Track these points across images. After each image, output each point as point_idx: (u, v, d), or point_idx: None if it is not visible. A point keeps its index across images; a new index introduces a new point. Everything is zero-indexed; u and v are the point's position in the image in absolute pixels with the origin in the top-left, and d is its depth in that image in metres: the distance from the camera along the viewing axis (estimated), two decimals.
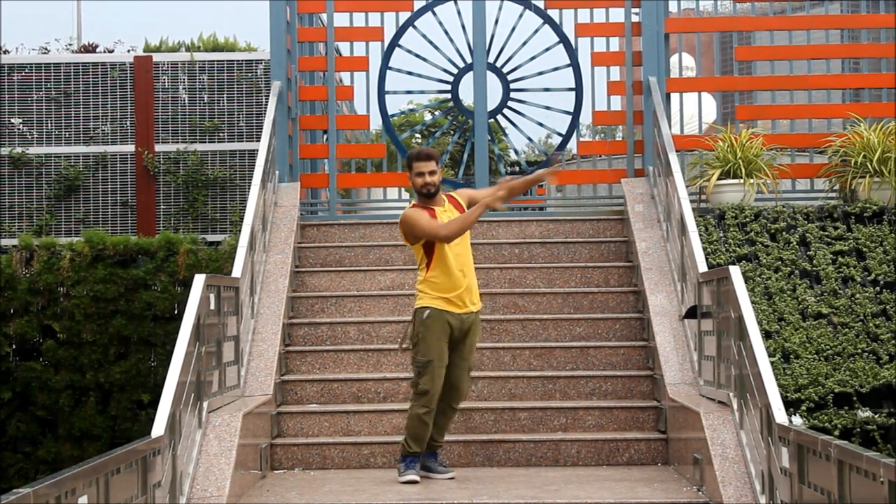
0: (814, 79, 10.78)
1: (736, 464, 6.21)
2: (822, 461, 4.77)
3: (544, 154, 12.82)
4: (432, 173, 6.80)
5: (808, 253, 9.10)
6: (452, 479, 6.95)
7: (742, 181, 9.56)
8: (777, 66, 10.95)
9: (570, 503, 6.33)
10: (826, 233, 9.23)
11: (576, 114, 10.77)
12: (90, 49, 12.71)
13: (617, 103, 10.88)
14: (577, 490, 6.59)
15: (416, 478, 6.83)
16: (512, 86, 10.87)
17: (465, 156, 11.02)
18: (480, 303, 6.99)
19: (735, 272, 6.67)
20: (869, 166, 9.54)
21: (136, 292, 10.66)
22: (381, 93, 10.82)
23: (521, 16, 10.73)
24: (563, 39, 10.71)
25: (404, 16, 10.78)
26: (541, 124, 11.62)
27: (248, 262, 8.15)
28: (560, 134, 10.92)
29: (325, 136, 11.33)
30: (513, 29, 10.76)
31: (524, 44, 10.84)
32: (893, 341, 8.29)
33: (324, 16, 10.92)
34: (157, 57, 11.88)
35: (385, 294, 9.13)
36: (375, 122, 14.92)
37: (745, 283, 7.00)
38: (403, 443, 6.91)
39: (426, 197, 6.84)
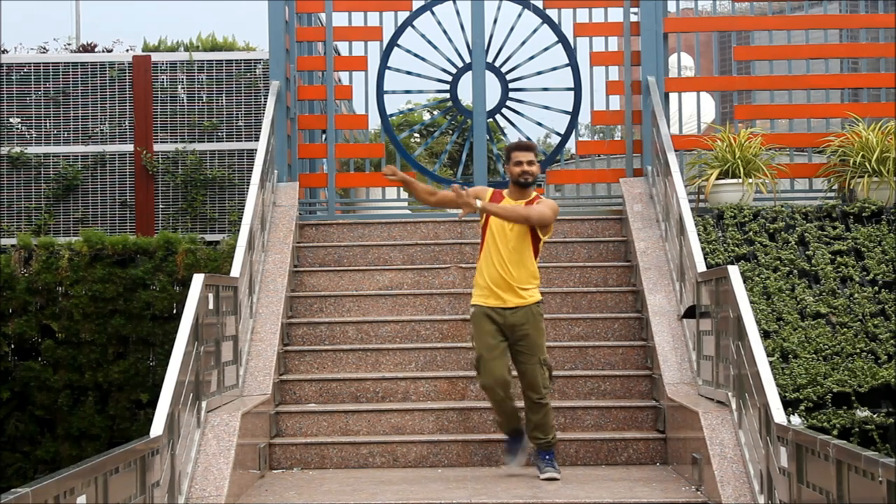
0: (812, 78, 10.79)
1: (734, 463, 6.21)
2: (820, 461, 4.77)
3: (543, 154, 12.82)
4: (531, 163, 6.93)
5: (807, 253, 9.10)
6: (554, 479, 6.86)
7: (741, 181, 9.56)
8: (776, 66, 10.96)
9: (569, 503, 6.33)
10: (825, 232, 9.23)
11: (574, 113, 10.77)
12: (89, 49, 12.72)
13: (616, 103, 10.90)
14: (576, 490, 6.59)
15: (509, 461, 7.17)
16: (511, 85, 10.87)
17: (464, 155, 11.02)
18: (528, 298, 6.90)
19: (734, 272, 6.68)
20: (867, 166, 9.55)
21: (134, 292, 10.66)
22: (380, 92, 10.82)
23: (519, 15, 10.73)
24: (562, 39, 10.71)
25: (403, 15, 10.78)
26: (540, 124, 11.66)
27: (247, 261, 8.15)
28: (559, 133, 10.93)
29: (323, 136, 11.34)
30: (511, 28, 10.76)
31: (523, 43, 10.84)
32: (892, 341, 8.29)
33: (322, 15, 10.92)
34: (155, 56, 11.89)
35: (384, 294, 9.13)
36: (374, 122, 14.95)
37: (744, 282, 7.01)
38: (498, 423, 7.28)
39: (521, 186, 6.95)
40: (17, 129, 11.80)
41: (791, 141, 10.57)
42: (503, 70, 10.86)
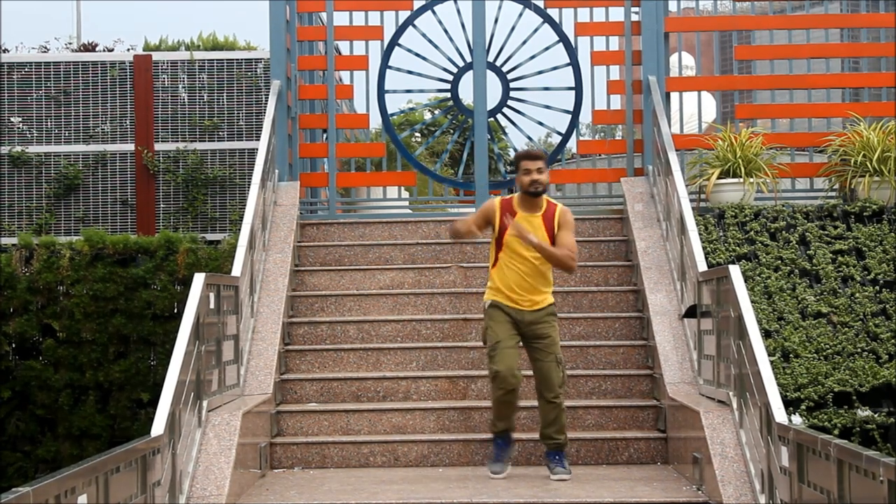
0: (813, 78, 10.78)
1: (735, 463, 6.21)
2: (821, 460, 4.77)
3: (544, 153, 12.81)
4: (540, 171, 6.84)
5: (808, 252, 9.10)
6: (564, 480, 6.84)
7: (742, 180, 9.56)
8: (777, 66, 10.95)
9: (570, 502, 6.33)
10: (826, 232, 9.23)
11: (575, 113, 10.77)
12: (90, 48, 12.71)
13: (617, 102, 10.90)
14: (577, 489, 6.59)
15: (500, 473, 6.97)
16: (512, 85, 10.87)
17: (465, 155, 11.02)
18: (543, 301, 6.93)
19: (735, 271, 6.68)
20: (868, 165, 9.55)
21: (135, 291, 10.66)
22: (381, 92, 10.82)
23: (520, 15, 10.73)
24: (563, 38, 10.71)
25: (404, 15, 10.78)
26: (541, 123, 11.61)
27: (248, 260, 8.15)
28: (560, 133, 10.93)
29: (324, 135, 11.34)
30: (512, 28, 10.76)
31: (524, 43, 10.84)
32: (893, 340, 8.29)
33: (323, 15, 10.93)
34: (156, 56, 11.89)
35: (385, 293, 9.13)
36: (375, 121, 14.97)
37: (745, 282, 7.01)
38: (490, 422, 7.09)
39: (531, 195, 6.87)
40: (18, 128, 11.80)
41: (792, 140, 10.57)
42: (504, 69, 10.86)
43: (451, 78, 10.85)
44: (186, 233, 11.14)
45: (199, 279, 6.78)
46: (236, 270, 7.79)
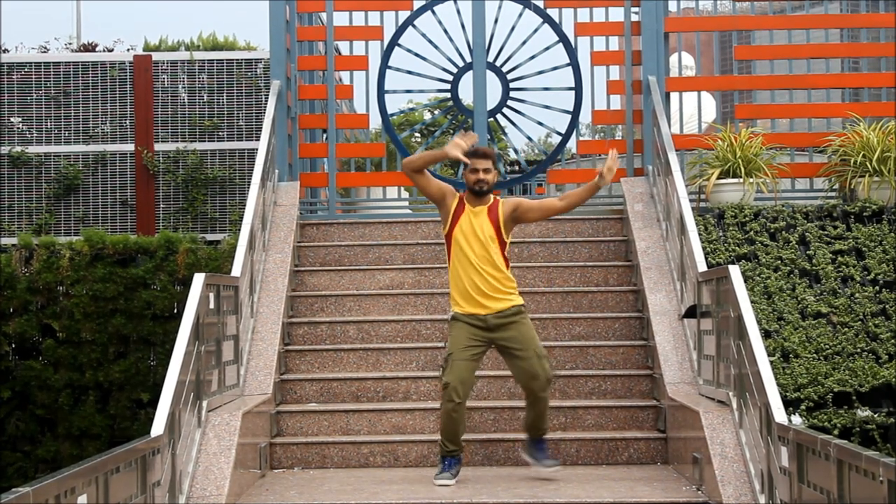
0: (813, 78, 10.78)
1: (735, 463, 6.21)
2: (821, 460, 4.77)
3: (544, 153, 12.82)
4: (486, 171, 6.81)
5: (808, 252, 9.10)
6: (556, 471, 6.88)
7: (741, 180, 9.56)
8: (776, 66, 10.96)
9: (570, 502, 6.33)
10: (825, 232, 9.23)
11: (575, 113, 10.77)
12: (90, 48, 12.72)
13: (616, 102, 10.90)
14: (577, 489, 6.59)
15: (449, 482, 6.72)
16: (511, 85, 10.87)
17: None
18: (508, 301, 6.83)
19: (734, 271, 6.68)
20: (868, 166, 9.55)
21: (135, 291, 10.66)
22: (381, 92, 10.81)
23: (520, 15, 10.73)
24: (563, 38, 10.71)
25: (404, 15, 10.78)
26: (540, 123, 11.61)
27: (248, 261, 8.15)
28: (559, 133, 10.93)
29: (324, 136, 11.34)
30: (512, 28, 10.76)
31: (524, 43, 10.83)
32: (893, 340, 8.28)
33: (323, 15, 10.92)
34: (156, 56, 11.90)
35: (384, 293, 9.13)
36: (375, 122, 14.93)
37: (745, 282, 7.01)
38: (440, 442, 6.87)
39: (475, 194, 6.86)
40: (18, 128, 11.80)
41: (792, 140, 10.56)
42: (504, 69, 10.85)
43: (450, 78, 10.85)
44: (186, 233, 11.14)
45: (198, 279, 6.78)
46: (236, 270, 7.79)
